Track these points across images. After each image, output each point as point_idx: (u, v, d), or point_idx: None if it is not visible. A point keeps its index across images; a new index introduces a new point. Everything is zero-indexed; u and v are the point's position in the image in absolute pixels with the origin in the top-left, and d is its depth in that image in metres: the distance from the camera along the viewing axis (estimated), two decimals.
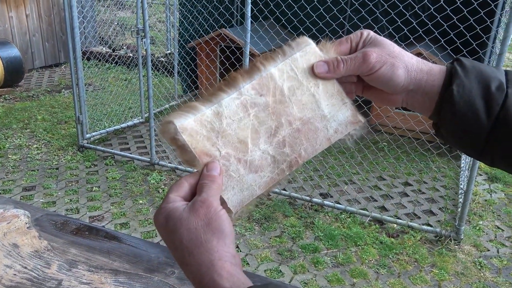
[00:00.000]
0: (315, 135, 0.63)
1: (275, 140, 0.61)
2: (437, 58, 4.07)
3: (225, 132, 0.59)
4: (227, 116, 0.59)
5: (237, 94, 0.60)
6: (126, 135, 5.05)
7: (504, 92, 0.57)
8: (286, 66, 0.62)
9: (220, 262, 0.52)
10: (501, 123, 0.56)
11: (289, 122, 0.62)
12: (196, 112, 0.59)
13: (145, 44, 4.02)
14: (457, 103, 0.58)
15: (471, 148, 0.60)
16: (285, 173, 0.62)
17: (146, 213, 3.60)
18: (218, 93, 0.60)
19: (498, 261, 3.20)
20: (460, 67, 0.59)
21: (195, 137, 0.58)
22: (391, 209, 3.77)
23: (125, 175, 4.18)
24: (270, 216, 3.58)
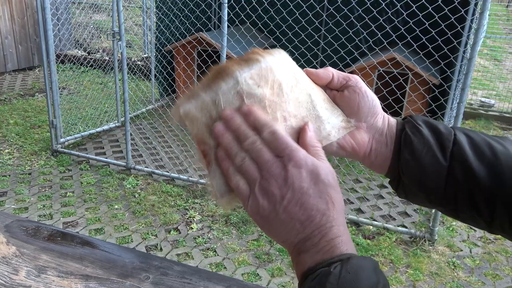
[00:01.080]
0: None
1: None
2: (410, 62, 4.14)
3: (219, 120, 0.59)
4: (223, 105, 0.59)
5: (234, 82, 0.59)
6: (102, 140, 4.98)
7: (452, 132, 0.60)
8: (284, 63, 0.62)
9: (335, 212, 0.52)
10: (457, 160, 0.58)
11: (284, 118, 0.61)
12: (198, 99, 0.59)
13: (121, 47, 3.98)
14: (413, 142, 0.60)
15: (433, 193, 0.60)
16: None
17: (121, 218, 3.55)
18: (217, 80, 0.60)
19: (471, 260, 3.27)
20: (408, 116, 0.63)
21: (195, 124, 0.59)
22: (367, 211, 3.81)
23: (100, 180, 4.12)
24: (248, 220, 3.57)
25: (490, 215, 0.58)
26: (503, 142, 0.59)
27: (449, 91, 3.96)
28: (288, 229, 0.52)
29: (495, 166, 0.57)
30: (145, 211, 3.65)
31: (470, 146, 0.59)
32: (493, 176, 0.57)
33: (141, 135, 5.08)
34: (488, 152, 0.58)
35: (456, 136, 0.59)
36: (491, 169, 0.57)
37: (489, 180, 0.57)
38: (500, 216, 0.57)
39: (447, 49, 3.41)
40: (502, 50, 10.44)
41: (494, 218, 0.58)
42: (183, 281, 1.06)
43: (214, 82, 0.60)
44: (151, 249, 3.22)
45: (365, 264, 0.48)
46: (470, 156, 0.58)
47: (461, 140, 0.59)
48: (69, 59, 7.15)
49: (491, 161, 0.57)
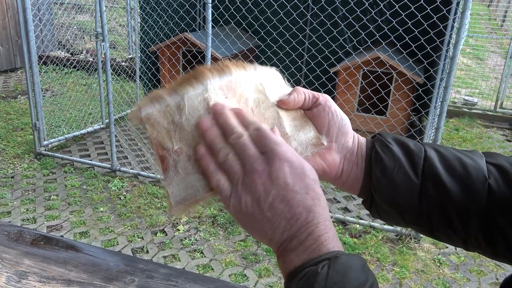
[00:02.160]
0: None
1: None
2: (394, 61, 4.18)
3: (182, 127, 0.58)
4: (187, 111, 0.58)
5: (202, 89, 0.59)
6: (86, 142, 4.94)
7: (422, 149, 0.60)
8: (256, 79, 0.62)
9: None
10: (429, 177, 0.58)
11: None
12: (162, 102, 0.58)
13: (104, 48, 3.94)
14: (384, 160, 0.59)
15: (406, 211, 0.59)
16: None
17: (107, 221, 3.52)
18: (184, 85, 0.59)
19: (456, 257, 3.31)
20: (378, 134, 0.63)
21: (156, 128, 0.58)
22: (353, 210, 3.83)
23: (85, 183, 4.08)
24: (235, 220, 3.57)
25: (464, 230, 0.58)
26: (472, 156, 0.59)
27: (432, 89, 4.01)
28: (273, 227, 0.50)
29: (467, 181, 0.57)
30: (131, 214, 3.63)
31: (441, 161, 0.58)
32: (465, 190, 0.57)
33: (126, 136, 5.04)
34: (459, 167, 0.58)
35: (427, 152, 0.59)
36: (463, 184, 0.57)
37: (461, 195, 0.57)
38: (474, 231, 0.57)
39: (430, 48, 3.45)
40: (485, 49, 10.59)
41: (469, 234, 0.58)
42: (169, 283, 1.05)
43: (181, 87, 0.59)
44: (137, 252, 3.20)
45: (353, 262, 0.47)
46: (441, 172, 0.58)
47: (432, 156, 0.59)
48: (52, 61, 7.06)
49: (462, 175, 0.57)
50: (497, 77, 7.98)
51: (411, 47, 3.59)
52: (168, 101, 0.58)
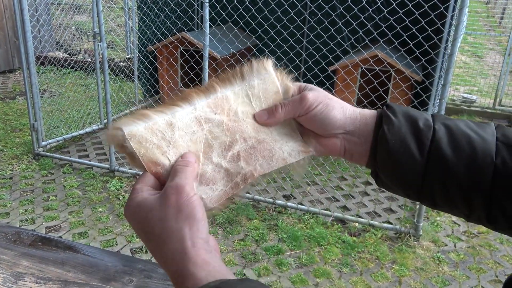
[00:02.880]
0: (270, 153, 0.64)
1: (229, 154, 0.62)
2: (392, 59, 4.18)
3: (176, 143, 0.59)
4: (180, 127, 0.59)
5: (191, 109, 0.60)
6: (85, 142, 4.93)
7: (431, 128, 0.60)
8: (242, 92, 0.63)
9: (194, 250, 0.52)
10: (434, 157, 0.58)
11: (244, 139, 0.62)
12: (148, 120, 0.58)
13: (102, 48, 3.94)
14: (389, 141, 0.59)
15: (410, 189, 0.61)
16: (239, 187, 0.62)
17: (105, 221, 3.52)
18: (171, 107, 0.60)
19: (455, 255, 3.32)
20: (388, 109, 0.62)
21: (144, 145, 0.57)
22: (352, 208, 3.84)
23: (83, 183, 4.08)
24: (234, 220, 3.57)
25: (467, 208, 0.59)
26: (483, 134, 0.59)
27: (431, 87, 4.01)
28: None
29: (473, 163, 0.57)
30: None
31: (449, 142, 0.59)
32: (470, 172, 0.57)
33: None
34: (467, 147, 0.58)
35: (435, 133, 0.59)
36: (468, 165, 0.57)
37: (466, 176, 0.57)
38: (477, 209, 0.58)
39: (428, 45, 3.45)
40: (483, 46, 10.59)
41: (471, 211, 0.59)
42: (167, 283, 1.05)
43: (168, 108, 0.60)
44: (136, 252, 3.20)
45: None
46: (447, 154, 0.58)
47: (440, 136, 0.59)
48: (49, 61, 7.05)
49: (469, 156, 0.57)
50: (495, 74, 7.99)
51: (409, 45, 3.59)
52: (156, 119, 0.59)
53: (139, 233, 0.55)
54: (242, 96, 0.63)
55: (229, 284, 0.48)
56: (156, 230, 0.53)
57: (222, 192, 0.61)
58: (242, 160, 0.62)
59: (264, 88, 0.64)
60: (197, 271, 0.50)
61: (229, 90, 0.63)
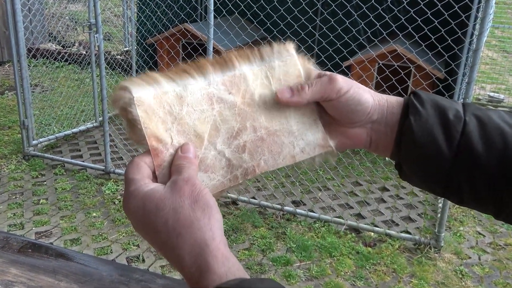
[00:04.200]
0: (279, 149, 0.63)
1: (235, 142, 0.61)
2: (412, 54, 4.17)
3: (182, 119, 0.58)
4: (189, 103, 0.59)
5: (205, 83, 0.60)
6: (78, 141, 4.96)
7: (462, 119, 0.59)
8: (261, 72, 0.63)
9: (215, 243, 0.51)
10: (463, 151, 0.58)
11: (254, 128, 0.62)
12: (158, 88, 0.57)
13: (98, 40, 3.97)
14: (415, 133, 0.60)
15: (435, 183, 0.61)
16: (238, 181, 0.61)
17: (100, 227, 3.54)
18: (184, 75, 0.59)
19: (480, 268, 3.30)
20: (415, 98, 0.62)
21: (150, 116, 0.57)
22: (367, 216, 3.83)
23: (76, 186, 4.10)
24: (238, 227, 3.58)
25: (496, 205, 0.59)
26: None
27: (454, 85, 3.99)
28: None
29: (504, 157, 0.57)
30: (126, 219, 3.64)
31: (480, 135, 0.58)
32: (500, 166, 0.57)
33: (121, 136, 5.07)
34: (499, 140, 0.58)
35: (466, 124, 0.59)
36: (499, 160, 0.58)
37: (496, 171, 0.58)
38: (506, 208, 0.59)
39: (451, 40, 3.44)
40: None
41: (501, 209, 0.59)
42: None
43: (181, 76, 0.59)
44: (132, 261, 3.21)
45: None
46: (478, 148, 0.58)
47: (471, 129, 0.59)
48: (41, 54, 7.10)
49: (501, 151, 0.58)
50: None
51: (430, 39, 3.57)
52: (166, 88, 0.58)
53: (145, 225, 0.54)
54: (262, 77, 0.63)
55: (250, 283, 0.48)
56: (170, 221, 0.52)
57: (219, 183, 0.61)
58: (247, 152, 0.62)
59: (285, 70, 0.64)
60: (218, 267, 0.50)
61: (248, 67, 0.62)
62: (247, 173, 0.62)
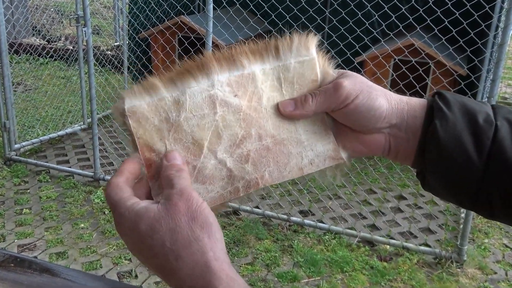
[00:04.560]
0: (286, 160, 0.63)
1: (237, 151, 0.61)
2: (431, 49, 4.17)
3: (180, 127, 0.59)
4: (188, 108, 0.59)
5: (208, 84, 0.59)
6: (65, 145, 4.97)
7: (493, 124, 0.58)
8: (273, 73, 0.62)
9: (218, 263, 0.51)
10: (495, 160, 0.57)
11: (259, 136, 0.61)
12: (154, 94, 0.58)
13: (86, 34, 3.98)
14: (442, 139, 0.59)
15: (463, 195, 0.61)
16: (239, 194, 0.61)
17: (88, 240, 3.54)
18: (185, 76, 0.59)
19: (507, 285, 3.29)
20: (440, 100, 0.61)
21: (143, 125, 0.58)
22: (383, 227, 3.82)
23: (63, 194, 4.11)
24: (240, 240, 3.58)
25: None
26: None
27: (477, 83, 3.99)
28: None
29: None
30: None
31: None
32: None
33: (112, 139, 5.08)
34: None
35: (497, 130, 0.58)
36: None
37: None
38: None
39: (474, 33, 3.43)
40: None
41: None
42: None
43: (182, 78, 0.59)
44: (124, 276, 3.22)
45: None
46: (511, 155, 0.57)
47: (503, 135, 0.58)
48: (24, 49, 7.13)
49: None
50: None
51: (451, 32, 3.57)
52: (163, 94, 0.58)
53: (141, 249, 0.54)
54: (273, 78, 0.62)
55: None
56: (167, 243, 0.52)
57: (218, 195, 0.60)
58: (251, 162, 0.61)
59: (300, 73, 0.63)
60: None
61: (259, 66, 0.62)
62: (249, 186, 0.62)
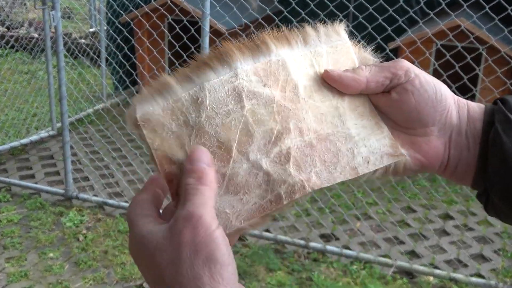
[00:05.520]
0: (334, 158, 0.63)
1: (275, 150, 0.61)
2: (482, 31, 4.16)
3: (201, 129, 0.59)
4: (209, 105, 0.60)
5: (230, 75, 0.60)
6: (29, 156, 4.99)
7: None
8: (305, 60, 0.64)
9: None
10: None
11: (300, 131, 0.62)
12: (168, 95, 0.59)
13: (54, 19, 4.00)
14: (505, 144, 0.60)
15: None
16: (282, 202, 0.60)
17: (59, 272, 3.55)
18: (202, 69, 0.61)
19: None
20: (503, 104, 0.62)
21: (159, 134, 0.59)
22: (425, 254, 3.80)
23: (27, 216, 4.12)
24: (247, 272, 3.57)
25: None
26: None
27: None
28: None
29: None
30: (94, 261, 3.65)
31: None
32: None
33: (87, 148, 5.09)
34: None
35: None
36: None
37: None
38: None
39: None
40: None
41: None
42: None
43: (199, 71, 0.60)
44: None
45: None
46: None
47: None
48: None
49: None
50: None
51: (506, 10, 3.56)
52: (178, 93, 0.60)
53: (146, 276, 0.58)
54: (305, 65, 0.63)
55: None
56: (166, 278, 0.54)
57: (256, 206, 0.60)
58: (293, 162, 0.61)
59: (335, 58, 0.65)
60: None
61: (288, 52, 0.63)
62: (294, 191, 0.60)
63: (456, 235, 4.03)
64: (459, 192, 4.48)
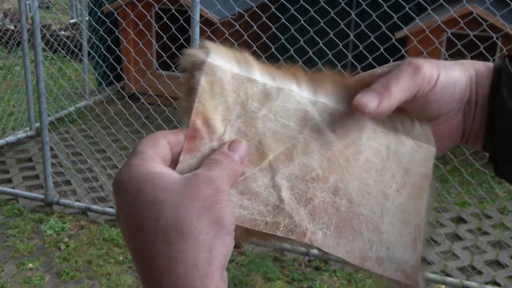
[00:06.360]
0: (350, 236, 0.64)
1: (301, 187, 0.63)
2: (496, 18, 4.17)
3: (253, 121, 0.62)
4: (273, 108, 0.62)
5: (310, 100, 0.63)
6: (5, 158, 4.99)
7: None
8: (385, 139, 0.66)
9: (209, 267, 0.52)
10: None
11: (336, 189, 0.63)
12: (246, 70, 0.62)
13: (31, 9, 4.00)
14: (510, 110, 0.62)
15: None
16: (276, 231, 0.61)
17: (39, 284, 3.55)
18: (288, 76, 0.63)
19: None
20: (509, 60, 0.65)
21: (213, 92, 0.61)
22: (436, 261, 3.81)
23: (4, 224, 4.11)
24: (243, 281, 3.58)
25: None
26: None
27: None
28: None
29: None
30: (77, 272, 3.65)
31: None
32: None
33: (68, 149, 5.08)
34: None
35: None
36: None
37: None
38: None
39: None
40: None
41: None
42: None
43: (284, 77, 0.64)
44: None
45: None
46: None
47: None
48: None
49: None
50: None
51: None
52: (256, 77, 0.62)
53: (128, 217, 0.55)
54: (381, 143, 0.66)
55: None
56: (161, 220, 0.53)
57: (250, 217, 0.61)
58: (309, 209, 0.62)
59: (413, 157, 0.67)
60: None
61: (373, 124, 0.65)
62: (293, 231, 0.62)
63: (470, 240, 4.03)
64: (472, 194, 4.49)
